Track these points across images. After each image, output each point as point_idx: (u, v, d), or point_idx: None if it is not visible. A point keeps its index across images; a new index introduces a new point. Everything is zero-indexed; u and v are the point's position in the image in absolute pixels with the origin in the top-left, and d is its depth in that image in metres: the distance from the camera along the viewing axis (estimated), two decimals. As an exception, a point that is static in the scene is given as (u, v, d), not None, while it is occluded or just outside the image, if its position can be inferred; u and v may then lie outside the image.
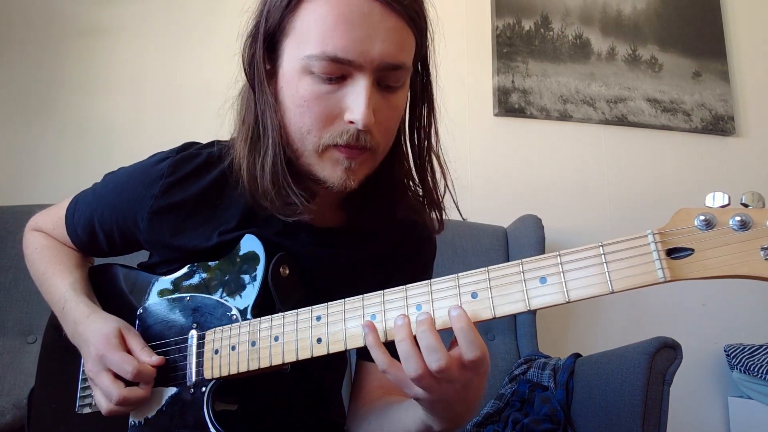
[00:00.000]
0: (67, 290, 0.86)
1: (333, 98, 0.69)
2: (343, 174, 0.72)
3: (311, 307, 0.68)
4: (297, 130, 0.72)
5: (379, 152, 0.75)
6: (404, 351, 0.58)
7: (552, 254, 0.57)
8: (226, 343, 0.73)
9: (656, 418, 1.14)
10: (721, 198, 0.51)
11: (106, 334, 0.77)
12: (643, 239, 0.53)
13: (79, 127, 1.86)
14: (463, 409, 0.64)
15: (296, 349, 0.67)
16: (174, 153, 0.85)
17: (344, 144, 0.70)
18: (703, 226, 0.51)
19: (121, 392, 0.73)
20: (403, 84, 0.74)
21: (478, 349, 0.57)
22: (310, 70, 0.69)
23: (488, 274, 0.59)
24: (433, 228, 0.86)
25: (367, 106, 0.68)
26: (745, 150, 2.22)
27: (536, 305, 0.56)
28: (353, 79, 0.69)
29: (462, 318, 0.57)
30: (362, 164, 0.73)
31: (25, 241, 0.98)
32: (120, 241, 0.89)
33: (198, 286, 0.81)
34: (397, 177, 0.82)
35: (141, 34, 1.95)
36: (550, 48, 2.14)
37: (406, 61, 0.71)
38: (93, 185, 0.94)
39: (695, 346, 1.98)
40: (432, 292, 0.61)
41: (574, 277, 0.55)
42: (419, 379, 0.58)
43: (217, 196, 0.83)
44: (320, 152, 0.72)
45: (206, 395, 0.74)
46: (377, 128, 0.71)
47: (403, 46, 0.71)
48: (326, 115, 0.70)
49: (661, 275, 0.51)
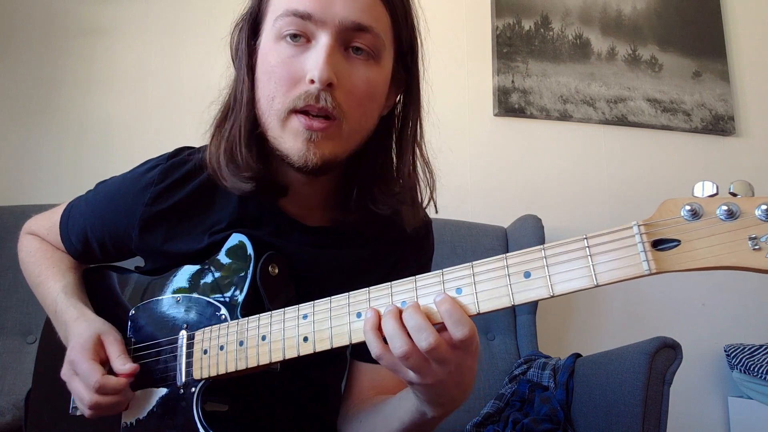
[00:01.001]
0: (59, 293, 0.86)
1: (296, 61, 0.69)
2: (302, 145, 0.70)
3: (298, 306, 0.67)
4: (264, 100, 0.72)
5: (348, 125, 0.71)
6: (390, 330, 0.58)
7: (536, 248, 0.56)
8: (215, 343, 0.73)
9: (656, 418, 1.14)
10: (709, 187, 0.50)
11: (82, 340, 0.77)
12: (628, 231, 0.52)
13: (79, 127, 1.86)
14: (458, 393, 0.63)
15: (283, 348, 0.67)
16: (164, 160, 0.85)
17: (303, 106, 0.69)
18: (690, 216, 0.50)
19: (92, 399, 0.73)
20: (377, 57, 0.72)
21: (466, 326, 0.56)
22: (280, 35, 0.70)
23: (473, 269, 0.58)
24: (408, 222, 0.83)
25: (325, 61, 0.67)
26: (745, 150, 2.22)
27: (520, 300, 0.56)
28: (316, 40, 0.69)
29: (446, 300, 0.57)
30: (327, 138, 0.70)
31: (20, 245, 0.99)
32: (113, 249, 0.90)
33: (188, 286, 0.81)
34: (378, 173, 0.80)
35: (141, 33, 1.95)
36: (550, 48, 2.14)
37: (372, 25, 0.70)
38: (87, 192, 0.94)
39: (695, 346, 1.98)
40: (417, 288, 0.61)
41: (558, 271, 0.54)
42: (406, 357, 0.57)
43: (207, 199, 0.82)
44: (283, 120, 0.70)
45: (196, 396, 0.74)
46: (344, 95, 0.70)
47: (370, 9, 0.71)
48: (289, 77, 0.69)
49: (647, 267, 0.50)
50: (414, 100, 0.81)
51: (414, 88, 0.81)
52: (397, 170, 0.81)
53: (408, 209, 0.83)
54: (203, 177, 0.82)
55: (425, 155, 0.82)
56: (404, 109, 0.82)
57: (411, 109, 0.81)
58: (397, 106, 0.82)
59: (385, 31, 0.73)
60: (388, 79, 0.77)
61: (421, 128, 0.82)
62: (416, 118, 0.81)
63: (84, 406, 0.74)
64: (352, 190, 0.80)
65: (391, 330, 0.58)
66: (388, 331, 0.58)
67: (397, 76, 0.79)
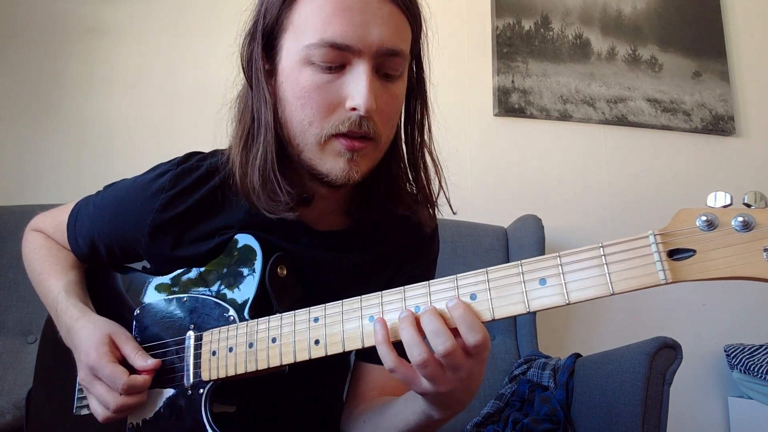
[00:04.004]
0: (60, 292, 0.86)
1: (333, 87, 0.70)
2: (345, 165, 0.72)
3: (309, 309, 0.67)
4: (298, 124, 0.72)
5: (381, 143, 0.75)
6: (408, 337, 0.58)
7: (551, 255, 0.56)
8: (224, 344, 0.73)
9: (656, 418, 1.14)
10: (722, 198, 0.51)
11: (95, 343, 0.76)
12: (644, 240, 0.52)
13: (80, 127, 1.86)
14: (466, 397, 0.64)
15: (294, 351, 0.67)
16: (174, 166, 0.84)
17: (346, 131, 0.70)
18: (705, 226, 0.50)
19: (117, 401, 0.73)
20: (401, 74, 0.74)
21: (480, 333, 0.57)
22: (309, 61, 0.69)
23: (487, 275, 0.59)
24: (425, 222, 0.85)
25: (368, 90, 0.68)
26: (745, 150, 2.22)
27: (536, 307, 0.56)
28: (352, 67, 0.69)
29: (459, 305, 0.58)
30: (365, 156, 0.73)
31: (24, 241, 0.98)
32: (120, 253, 0.89)
33: (195, 285, 0.81)
34: (394, 175, 0.82)
35: (142, 33, 1.94)
36: (550, 48, 2.14)
37: (403, 48, 0.72)
38: (95, 194, 0.93)
39: (695, 346, 1.98)
40: (431, 293, 0.61)
41: (574, 279, 0.55)
42: (424, 365, 0.58)
43: (218, 205, 0.82)
44: (322, 144, 0.72)
45: (204, 397, 0.74)
46: (379, 116, 0.71)
47: (401, 32, 0.72)
48: (328, 104, 0.70)
49: (663, 277, 0.51)
50: (421, 100, 0.82)
51: (422, 87, 0.82)
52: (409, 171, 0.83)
53: (424, 210, 0.84)
54: (214, 183, 0.82)
55: (435, 156, 0.83)
56: (413, 109, 0.82)
57: (419, 109, 0.82)
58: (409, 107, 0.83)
59: (408, 45, 0.74)
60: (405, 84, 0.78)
61: (429, 129, 0.83)
62: (424, 117, 0.82)
63: (109, 410, 0.73)
64: (368, 195, 0.81)
65: (410, 338, 0.58)
66: (407, 338, 0.59)
67: (410, 79, 0.80)
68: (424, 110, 0.82)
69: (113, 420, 0.75)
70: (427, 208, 0.84)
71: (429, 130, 0.83)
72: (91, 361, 0.75)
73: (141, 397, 0.74)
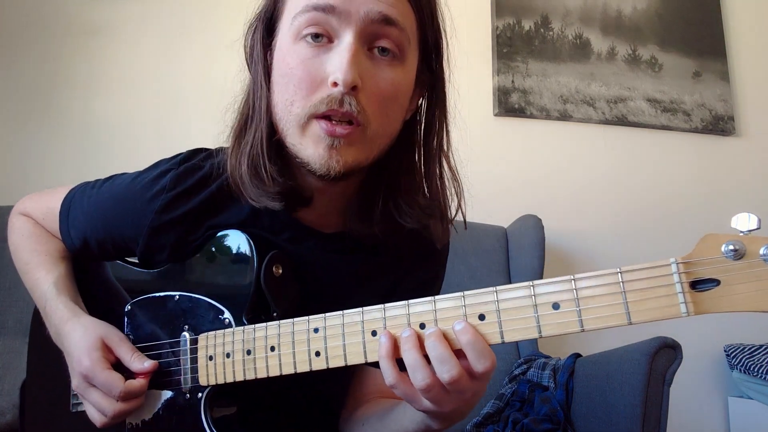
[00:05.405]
0: (49, 287, 0.82)
1: (317, 61, 0.65)
2: (325, 152, 0.65)
3: (308, 318, 0.64)
4: (282, 105, 0.68)
5: (370, 131, 0.67)
6: (412, 360, 0.56)
7: (566, 278, 0.53)
8: (221, 350, 0.70)
9: (656, 418, 1.14)
10: (747, 220, 0.47)
11: (87, 348, 0.73)
12: (666, 269, 0.49)
13: (79, 126, 1.86)
14: (467, 410, 0.62)
15: (294, 362, 0.64)
16: (176, 165, 0.80)
17: (326, 111, 0.64)
18: (732, 255, 0.47)
19: (115, 408, 0.71)
20: (402, 57, 0.68)
21: (488, 359, 0.54)
22: (299, 35, 0.66)
23: (497, 296, 0.55)
24: (437, 237, 0.79)
25: (349, 62, 0.62)
26: (745, 150, 2.22)
27: (549, 333, 0.53)
28: (339, 39, 0.65)
29: (468, 330, 0.55)
30: (350, 145, 0.66)
31: (11, 225, 0.93)
32: (113, 250, 0.85)
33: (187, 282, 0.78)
34: (405, 180, 0.75)
35: (141, 33, 1.95)
36: (550, 48, 2.14)
37: (398, 19, 0.66)
38: (92, 186, 0.89)
39: (695, 346, 1.98)
40: (436, 310, 0.58)
41: (590, 306, 0.51)
42: (427, 390, 0.55)
43: (220, 206, 0.78)
44: (302, 126, 0.66)
45: (203, 401, 0.72)
46: (367, 98, 0.65)
47: (395, 3, 0.66)
48: (310, 80, 0.65)
49: (684, 310, 0.48)
50: (439, 104, 0.77)
51: (439, 90, 0.77)
52: (424, 180, 0.77)
53: (437, 223, 0.78)
54: (217, 184, 0.77)
55: (453, 166, 0.78)
56: (428, 112, 0.77)
57: (435, 113, 0.77)
58: (420, 109, 0.78)
59: (410, 27, 0.69)
60: (412, 80, 0.72)
61: (448, 136, 0.78)
62: (442, 123, 0.77)
63: (107, 416, 0.72)
64: (374, 199, 0.75)
65: (413, 361, 0.56)
66: (410, 361, 0.56)
67: (421, 78, 0.75)
68: (442, 112, 0.77)
69: (111, 425, 0.73)
70: (440, 221, 0.78)
71: (447, 135, 0.77)
72: (84, 369, 0.73)
73: (138, 401, 0.73)
